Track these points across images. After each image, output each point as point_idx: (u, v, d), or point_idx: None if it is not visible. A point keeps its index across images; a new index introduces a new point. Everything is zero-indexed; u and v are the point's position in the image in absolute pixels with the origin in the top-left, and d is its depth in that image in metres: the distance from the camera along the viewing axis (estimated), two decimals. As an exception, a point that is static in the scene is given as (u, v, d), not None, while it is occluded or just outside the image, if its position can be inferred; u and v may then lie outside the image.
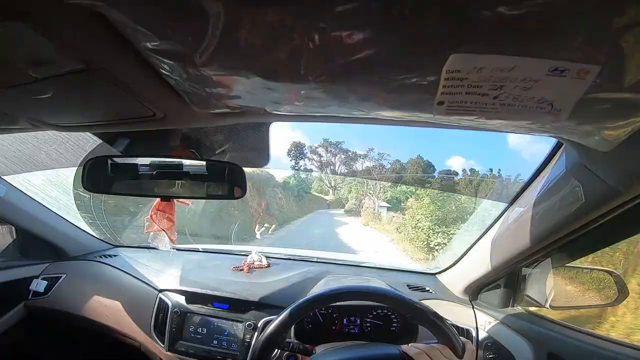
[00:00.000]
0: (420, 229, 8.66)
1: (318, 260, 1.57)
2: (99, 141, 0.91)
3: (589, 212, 0.61)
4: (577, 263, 0.96)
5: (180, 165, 0.86)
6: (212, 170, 0.87)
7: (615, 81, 0.31)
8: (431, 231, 8.38)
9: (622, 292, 0.96)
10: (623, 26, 0.26)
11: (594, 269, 1.00)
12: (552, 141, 0.70)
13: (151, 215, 0.86)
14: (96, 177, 0.85)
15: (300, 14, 0.29)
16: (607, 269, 0.99)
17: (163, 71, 0.41)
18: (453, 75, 0.32)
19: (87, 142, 0.99)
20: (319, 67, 0.34)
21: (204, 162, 0.87)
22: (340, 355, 0.84)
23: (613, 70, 0.30)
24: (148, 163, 0.88)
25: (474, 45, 0.29)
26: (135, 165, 0.88)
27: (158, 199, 0.88)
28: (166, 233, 0.87)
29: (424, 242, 8.33)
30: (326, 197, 18.50)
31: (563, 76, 0.31)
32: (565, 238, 0.71)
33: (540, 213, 0.74)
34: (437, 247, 7.79)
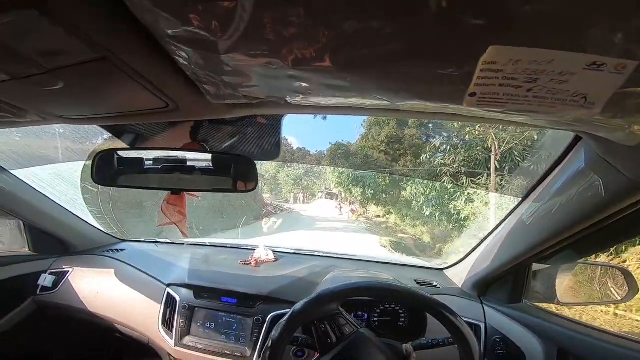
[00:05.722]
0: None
1: (325, 254, 1.57)
2: (108, 134, 0.91)
3: (608, 206, 0.61)
4: (588, 259, 0.95)
5: (190, 158, 0.85)
6: (222, 163, 0.86)
7: None
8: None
9: (633, 288, 0.95)
10: None
11: (605, 265, 1.00)
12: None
13: (162, 209, 0.86)
14: (105, 170, 0.84)
15: (332, 2, 0.27)
16: (619, 265, 0.99)
17: (180, 59, 0.40)
18: (489, 67, 0.31)
19: (95, 136, 0.98)
20: (347, 56, 0.33)
21: (213, 155, 0.86)
22: None
23: None
24: (157, 156, 0.87)
25: (512, 37, 0.29)
26: (144, 158, 0.87)
27: (168, 192, 0.87)
28: (177, 226, 0.87)
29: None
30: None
31: (600, 70, 0.31)
32: (581, 233, 0.71)
33: (557, 208, 0.73)
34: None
